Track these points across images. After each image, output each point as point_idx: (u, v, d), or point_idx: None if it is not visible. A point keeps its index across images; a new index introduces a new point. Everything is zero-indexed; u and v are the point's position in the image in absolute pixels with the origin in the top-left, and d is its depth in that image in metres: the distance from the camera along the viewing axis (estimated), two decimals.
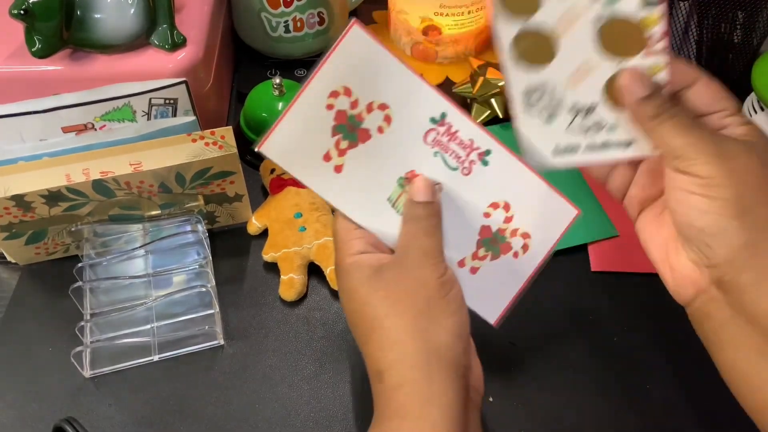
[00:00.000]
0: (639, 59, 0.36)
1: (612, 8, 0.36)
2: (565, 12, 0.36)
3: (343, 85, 0.36)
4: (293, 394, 0.47)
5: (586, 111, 0.39)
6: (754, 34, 0.62)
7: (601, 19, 0.37)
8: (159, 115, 0.52)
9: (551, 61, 0.37)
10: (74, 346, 0.46)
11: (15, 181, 0.46)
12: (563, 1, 0.36)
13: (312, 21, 0.66)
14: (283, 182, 0.56)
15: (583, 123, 0.39)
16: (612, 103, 0.38)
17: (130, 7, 0.51)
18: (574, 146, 0.39)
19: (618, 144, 0.39)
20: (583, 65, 0.38)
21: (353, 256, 0.37)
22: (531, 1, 0.37)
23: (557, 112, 0.39)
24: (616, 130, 0.39)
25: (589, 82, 0.38)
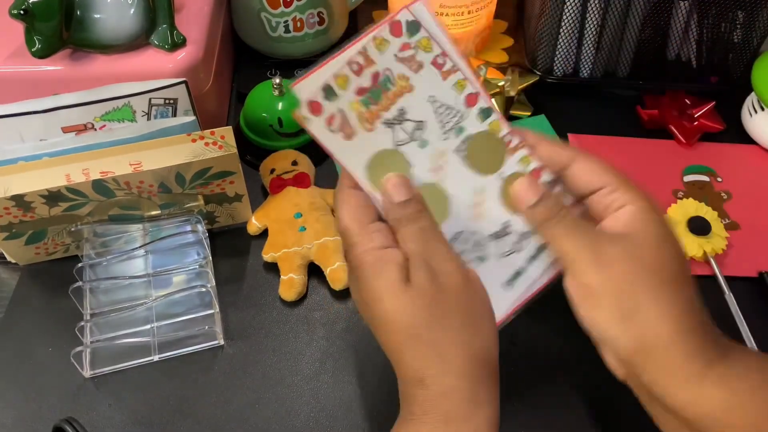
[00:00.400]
0: (509, 161, 0.38)
1: (463, 135, 0.38)
2: (431, 161, 0.38)
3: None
4: (293, 394, 0.47)
5: (504, 232, 0.39)
6: (754, 34, 0.62)
7: (461, 149, 0.38)
8: (159, 115, 0.52)
9: (450, 211, 0.39)
10: (74, 346, 0.46)
11: (15, 181, 0.46)
12: (425, 153, 0.38)
13: (312, 21, 0.66)
14: (282, 182, 0.56)
15: (511, 242, 0.40)
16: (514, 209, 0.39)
17: (130, 7, 0.51)
18: (521, 267, 0.40)
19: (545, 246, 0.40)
20: (475, 194, 0.39)
21: (376, 251, 0.35)
22: (402, 171, 0.38)
23: (486, 250, 0.39)
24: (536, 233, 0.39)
25: (488, 207, 0.39)
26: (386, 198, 0.37)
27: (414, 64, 0.36)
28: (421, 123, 0.37)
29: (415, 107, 0.37)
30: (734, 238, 0.56)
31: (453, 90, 0.37)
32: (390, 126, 0.37)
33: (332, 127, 0.36)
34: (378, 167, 0.37)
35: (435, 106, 0.37)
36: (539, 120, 0.66)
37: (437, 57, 0.37)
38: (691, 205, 0.56)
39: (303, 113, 0.35)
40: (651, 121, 0.66)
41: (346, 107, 0.35)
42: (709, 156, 0.64)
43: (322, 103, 0.35)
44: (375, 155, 0.37)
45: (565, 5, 0.61)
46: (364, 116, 0.36)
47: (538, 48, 0.65)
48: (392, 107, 0.37)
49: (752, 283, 0.54)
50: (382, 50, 0.36)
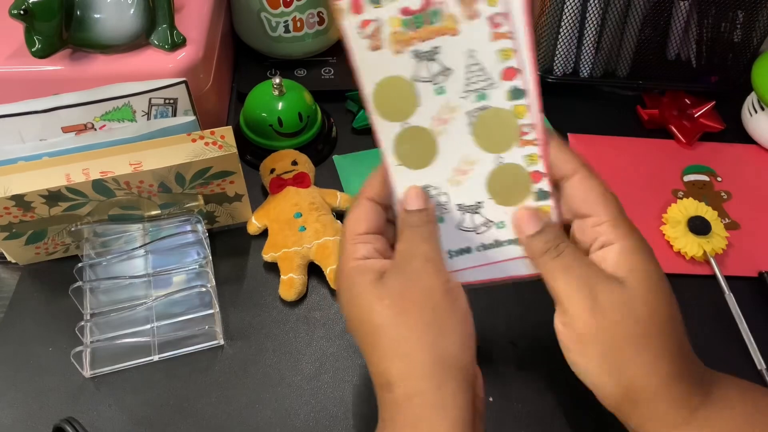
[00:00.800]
0: (515, 150, 0.37)
1: (483, 102, 0.37)
2: (439, 110, 0.37)
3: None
4: (293, 394, 0.47)
5: (473, 209, 0.39)
6: (754, 34, 0.62)
7: (474, 114, 0.37)
8: (159, 114, 0.52)
9: (433, 161, 0.38)
10: (74, 346, 0.46)
11: (15, 181, 0.46)
12: (437, 100, 0.36)
13: (312, 21, 0.66)
14: (282, 182, 0.56)
15: (473, 221, 0.39)
16: (496, 200, 0.38)
17: (130, 7, 0.51)
18: (467, 247, 0.39)
19: (510, 241, 0.39)
20: (463, 162, 0.38)
21: (357, 260, 0.36)
22: (407, 105, 0.37)
23: (445, 213, 0.39)
24: (504, 227, 0.39)
25: (471, 178, 0.38)
26: (402, 204, 0.38)
27: (470, 11, 0.34)
28: (448, 70, 0.36)
29: (450, 52, 0.35)
30: (734, 237, 0.56)
31: (496, 55, 0.35)
32: (417, 58, 0.35)
33: (363, 32, 0.34)
34: (387, 90, 0.36)
35: (469, 61, 0.36)
36: None
37: (497, 15, 0.34)
38: (691, 205, 0.56)
39: (342, 5, 0.34)
40: (651, 121, 0.66)
41: (385, 19, 0.34)
42: (709, 156, 0.64)
43: (365, 4, 0.34)
44: (389, 77, 0.36)
45: (565, 5, 0.61)
46: (397, 37, 0.35)
47: (537, 48, 0.65)
48: (428, 41, 0.35)
49: (752, 283, 0.54)
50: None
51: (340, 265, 0.38)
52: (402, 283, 0.35)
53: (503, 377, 0.48)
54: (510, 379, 0.48)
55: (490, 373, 0.48)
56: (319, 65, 0.69)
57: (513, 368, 0.48)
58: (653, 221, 0.57)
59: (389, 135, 0.37)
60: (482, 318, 0.45)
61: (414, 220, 0.37)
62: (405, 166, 0.38)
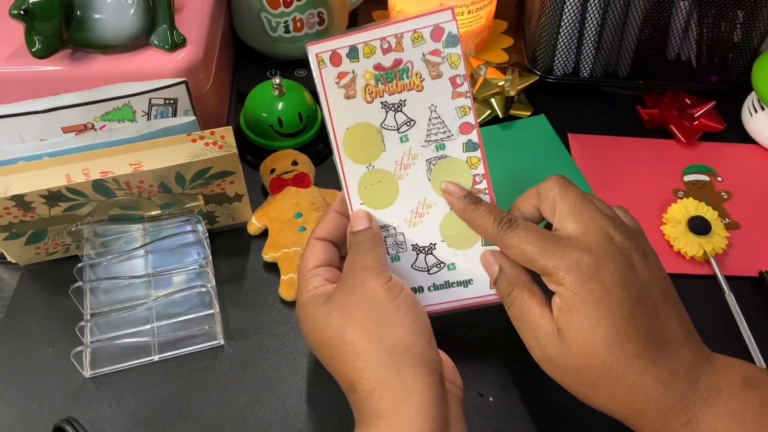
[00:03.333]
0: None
1: (441, 152, 0.41)
2: (402, 156, 0.41)
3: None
4: (293, 394, 0.47)
5: (427, 250, 0.42)
6: (754, 34, 0.62)
7: (432, 162, 0.41)
8: (159, 115, 0.52)
9: (393, 203, 0.41)
10: (74, 346, 0.46)
11: (15, 181, 0.46)
12: (400, 147, 0.41)
13: (312, 21, 0.66)
14: (283, 182, 0.56)
15: (426, 261, 0.42)
16: (448, 242, 0.42)
17: (130, 7, 0.51)
18: (419, 286, 0.43)
19: (459, 283, 0.42)
20: (421, 205, 0.42)
21: (309, 291, 0.40)
22: (374, 149, 0.41)
23: (402, 252, 0.42)
24: (455, 269, 0.42)
25: (427, 221, 0.42)
26: (350, 224, 0.41)
27: (435, 71, 0.39)
28: (412, 121, 0.40)
29: (415, 105, 0.40)
30: (734, 237, 0.56)
31: (455, 111, 0.40)
32: (385, 108, 0.40)
33: (339, 82, 0.39)
34: (356, 134, 0.40)
35: (432, 115, 0.40)
36: (539, 120, 0.66)
37: (458, 77, 0.39)
38: (691, 205, 0.56)
39: (323, 56, 0.38)
40: (651, 120, 0.66)
41: (360, 72, 0.38)
42: (709, 156, 0.64)
43: (342, 58, 0.38)
44: (359, 123, 0.40)
45: (565, 5, 0.61)
46: (369, 89, 0.38)
47: (537, 48, 0.65)
48: (396, 94, 0.39)
49: (752, 283, 0.54)
50: (415, 44, 0.38)
51: (297, 302, 0.41)
52: (345, 293, 0.38)
53: (503, 377, 0.48)
54: (510, 379, 0.48)
55: (490, 373, 0.48)
56: None
57: (513, 368, 0.48)
58: (653, 221, 0.57)
59: (355, 176, 0.41)
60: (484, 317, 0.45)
61: (358, 238, 0.40)
62: (367, 206, 0.42)
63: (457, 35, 0.39)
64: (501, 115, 0.64)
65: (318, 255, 0.42)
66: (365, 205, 0.41)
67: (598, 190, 0.59)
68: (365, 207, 0.41)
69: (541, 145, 0.64)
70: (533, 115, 0.66)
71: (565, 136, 0.65)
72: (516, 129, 0.65)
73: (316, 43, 0.38)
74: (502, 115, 0.64)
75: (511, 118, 0.66)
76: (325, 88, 0.39)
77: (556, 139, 0.64)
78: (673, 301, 0.37)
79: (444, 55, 0.39)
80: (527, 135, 0.65)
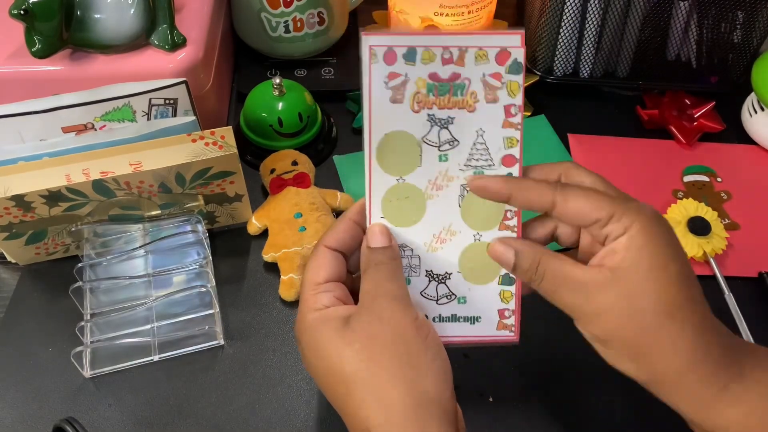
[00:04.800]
0: (494, 232, 0.38)
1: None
2: (437, 176, 0.38)
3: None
4: (293, 394, 0.47)
5: (440, 279, 0.39)
6: (754, 34, 0.62)
7: (467, 188, 0.38)
8: (159, 115, 0.52)
9: (416, 223, 0.38)
10: (74, 346, 0.46)
11: (15, 181, 0.46)
12: (437, 166, 0.37)
13: (312, 21, 0.66)
14: (283, 182, 0.56)
15: (437, 290, 0.39)
16: (464, 274, 0.39)
17: (130, 7, 0.51)
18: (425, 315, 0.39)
19: (466, 318, 0.39)
20: (445, 230, 0.39)
21: (318, 311, 0.35)
22: (409, 163, 0.38)
23: (413, 276, 0.39)
24: (465, 303, 0.39)
25: (447, 248, 0.39)
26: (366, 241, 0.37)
27: (491, 95, 0.37)
28: (456, 141, 0.37)
29: (462, 126, 0.37)
30: (734, 238, 0.56)
31: (502, 141, 0.37)
32: (431, 121, 0.37)
33: (389, 83, 0.36)
34: (394, 142, 0.37)
35: (478, 139, 0.38)
36: (539, 120, 0.66)
37: (513, 106, 0.37)
38: (691, 205, 0.56)
39: (377, 52, 0.35)
40: (651, 121, 0.66)
41: (412, 77, 0.35)
42: (709, 156, 0.64)
43: (398, 57, 0.35)
44: (400, 131, 0.37)
45: (565, 5, 0.61)
46: (419, 97, 0.36)
47: (538, 48, 0.65)
48: (446, 110, 0.37)
49: (752, 283, 0.54)
50: (477, 62, 0.36)
51: (300, 318, 0.36)
52: (370, 324, 0.34)
53: (503, 377, 0.48)
54: (510, 379, 0.48)
55: (490, 373, 0.48)
56: (320, 65, 0.69)
57: (513, 368, 0.48)
58: None
59: (383, 186, 0.38)
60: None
61: (378, 257, 0.36)
62: (388, 221, 0.38)
63: (523, 63, 0.36)
64: None
65: (328, 267, 0.37)
66: (386, 219, 0.38)
67: None
68: (386, 222, 0.38)
69: (541, 146, 0.64)
70: (533, 115, 0.66)
71: (565, 136, 0.65)
72: None
73: (372, 34, 0.35)
74: None
75: None
76: (371, 85, 0.36)
77: (556, 140, 0.64)
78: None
79: (505, 80, 0.37)
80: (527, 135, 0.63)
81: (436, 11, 0.66)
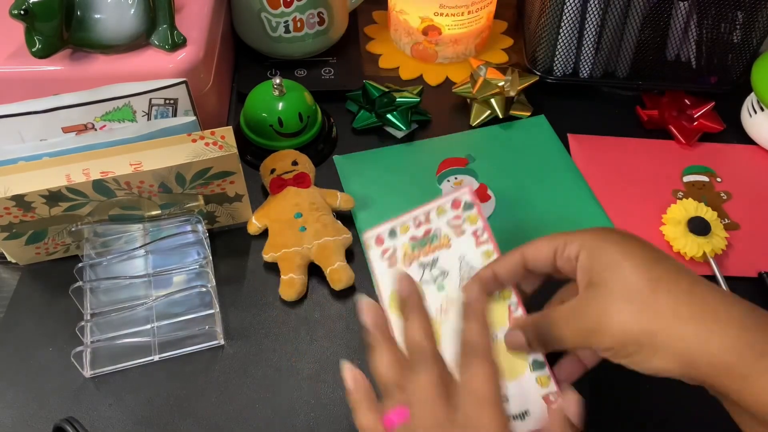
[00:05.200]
0: (506, 328, 0.42)
1: None
2: (441, 303, 0.43)
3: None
4: (293, 394, 0.47)
5: None
6: (754, 34, 0.62)
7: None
8: (159, 115, 0.52)
9: (438, 347, 0.41)
10: (74, 345, 0.46)
11: (15, 181, 0.46)
12: (439, 295, 0.44)
13: (312, 21, 0.66)
14: (283, 182, 0.56)
15: None
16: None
17: (130, 7, 0.51)
18: None
19: (515, 416, 0.40)
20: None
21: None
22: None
23: None
24: (509, 402, 0.40)
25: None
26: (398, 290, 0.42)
27: (459, 230, 0.45)
28: (446, 272, 0.44)
29: (446, 259, 0.45)
30: (734, 238, 0.56)
31: (481, 256, 0.44)
32: (422, 267, 0.45)
33: (384, 256, 0.45)
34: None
35: (462, 264, 0.45)
36: (539, 120, 0.66)
37: (478, 230, 0.45)
38: (690, 205, 0.56)
39: (369, 242, 0.45)
40: (651, 121, 0.66)
41: (399, 246, 0.45)
42: (709, 156, 0.64)
43: (384, 239, 0.45)
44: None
45: (565, 5, 0.61)
46: (407, 256, 0.45)
47: (537, 48, 0.65)
48: (430, 254, 0.45)
49: (752, 283, 0.54)
50: (440, 215, 0.46)
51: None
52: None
53: None
54: None
55: None
56: (320, 65, 0.69)
57: None
58: (653, 221, 0.57)
59: (396, 327, 0.43)
60: None
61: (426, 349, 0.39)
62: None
63: (471, 201, 0.45)
64: (501, 115, 0.64)
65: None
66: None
67: (598, 191, 0.60)
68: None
69: (540, 146, 0.64)
70: (533, 115, 0.66)
71: (565, 136, 0.65)
72: (516, 129, 0.65)
73: (368, 231, 0.46)
74: (501, 116, 0.64)
75: (511, 119, 0.66)
76: (372, 262, 0.45)
77: (556, 140, 0.64)
78: None
79: (464, 217, 0.45)
80: (527, 135, 0.65)
81: (436, 11, 0.66)
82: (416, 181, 0.60)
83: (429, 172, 0.61)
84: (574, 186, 0.60)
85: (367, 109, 0.64)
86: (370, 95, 0.64)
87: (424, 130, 0.65)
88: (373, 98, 0.64)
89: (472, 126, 0.65)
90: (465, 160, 0.62)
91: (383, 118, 0.63)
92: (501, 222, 0.57)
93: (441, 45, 0.70)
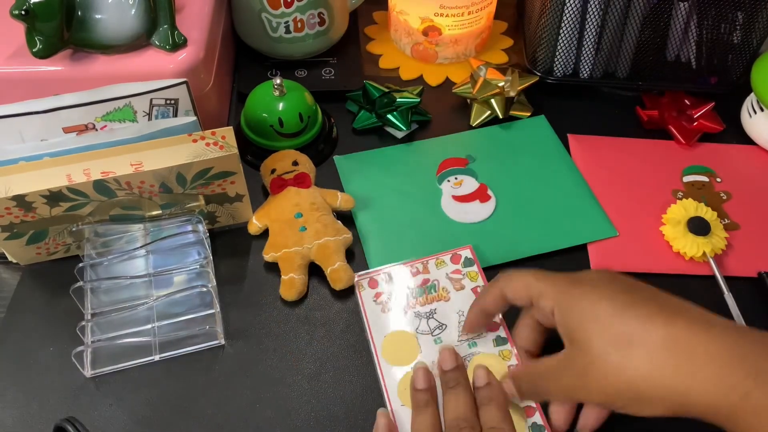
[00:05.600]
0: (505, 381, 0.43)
1: (474, 348, 0.46)
2: (438, 356, 0.44)
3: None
4: (293, 394, 0.47)
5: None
6: (754, 34, 0.62)
7: (468, 358, 0.45)
8: (160, 115, 0.52)
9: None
10: (75, 345, 0.46)
11: (16, 181, 0.46)
12: (435, 348, 0.45)
13: (312, 21, 0.66)
14: (283, 182, 0.56)
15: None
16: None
17: (131, 7, 0.52)
18: None
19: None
20: None
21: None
22: (410, 352, 0.46)
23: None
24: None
25: None
26: (439, 364, 0.44)
27: (458, 285, 0.47)
28: (444, 325, 0.46)
29: (444, 312, 0.46)
30: (734, 238, 0.56)
31: None
32: (418, 317, 0.46)
33: (376, 300, 0.46)
34: (394, 340, 0.46)
35: (461, 319, 0.46)
36: (539, 121, 0.66)
37: (478, 287, 0.47)
38: (690, 206, 0.56)
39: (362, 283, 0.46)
40: (651, 121, 0.66)
41: (393, 292, 0.46)
42: (709, 156, 0.64)
43: (379, 282, 0.46)
44: (396, 331, 0.47)
45: (565, 5, 0.61)
46: (405, 304, 0.46)
47: (538, 48, 0.66)
48: (427, 305, 0.46)
49: (752, 283, 0.54)
50: (438, 267, 0.47)
51: None
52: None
53: None
54: None
55: None
56: (320, 66, 0.69)
57: None
58: (653, 222, 0.57)
59: (394, 378, 0.45)
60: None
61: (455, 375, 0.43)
62: (408, 407, 0.44)
63: (473, 258, 0.47)
64: (501, 115, 0.64)
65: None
66: (405, 406, 0.44)
67: (598, 191, 0.60)
68: (406, 408, 0.44)
69: (540, 146, 0.64)
70: (533, 115, 0.66)
71: (565, 136, 0.65)
72: (516, 130, 0.65)
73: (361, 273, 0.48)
74: (502, 116, 0.64)
75: (511, 119, 0.66)
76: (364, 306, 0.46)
77: (556, 140, 0.64)
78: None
79: (464, 273, 0.47)
80: (527, 136, 0.65)
81: (436, 12, 0.67)
82: (416, 181, 0.60)
83: (429, 173, 0.61)
84: (574, 186, 0.60)
85: (367, 110, 0.64)
86: (371, 95, 0.64)
87: (424, 130, 0.65)
88: (373, 98, 0.64)
89: (472, 126, 0.65)
90: (465, 160, 0.62)
91: (383, 118, 0.63)
92: (501, 222, 0.57)
93: (441, 45, 0.70)
